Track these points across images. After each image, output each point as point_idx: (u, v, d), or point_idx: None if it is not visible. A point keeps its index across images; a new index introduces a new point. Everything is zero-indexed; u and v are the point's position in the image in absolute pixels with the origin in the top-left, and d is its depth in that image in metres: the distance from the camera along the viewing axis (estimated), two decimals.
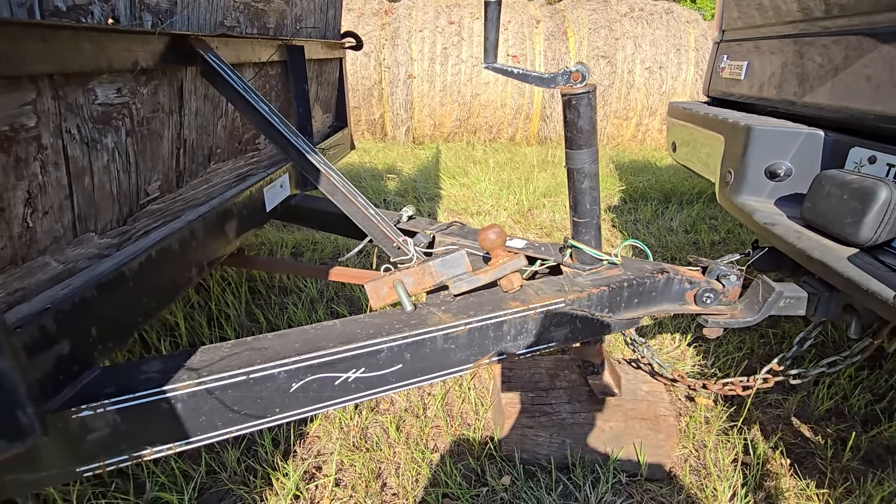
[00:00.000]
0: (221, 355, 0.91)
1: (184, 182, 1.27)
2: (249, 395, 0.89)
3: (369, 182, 4.04)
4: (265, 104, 1.24)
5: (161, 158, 1.15)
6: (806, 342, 1.43)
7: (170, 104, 1.14)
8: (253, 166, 1.62)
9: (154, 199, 1.15)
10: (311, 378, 0.93)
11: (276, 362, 0.89)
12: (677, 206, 3.80)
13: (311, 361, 0.92)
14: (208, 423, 0.87)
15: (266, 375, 0.89)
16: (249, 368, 0.87)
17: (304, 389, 0.93)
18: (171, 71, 1.11)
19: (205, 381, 0.85)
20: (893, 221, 1.17)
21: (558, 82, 1.13)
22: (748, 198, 1.63)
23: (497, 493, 1.30)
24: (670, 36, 5.95)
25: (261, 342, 0.95)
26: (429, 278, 1.13)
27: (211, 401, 0.86)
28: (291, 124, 1.87)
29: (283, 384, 0.91)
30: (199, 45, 1.16)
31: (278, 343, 0.95)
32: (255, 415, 0.91)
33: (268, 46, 1.58)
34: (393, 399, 1.67)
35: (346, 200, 1.30)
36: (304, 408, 0.95)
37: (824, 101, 1.55)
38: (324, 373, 0.94)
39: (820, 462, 1.44)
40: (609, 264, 1.29)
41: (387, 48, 5.55)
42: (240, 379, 0.87)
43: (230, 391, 0.87)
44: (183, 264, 1.13)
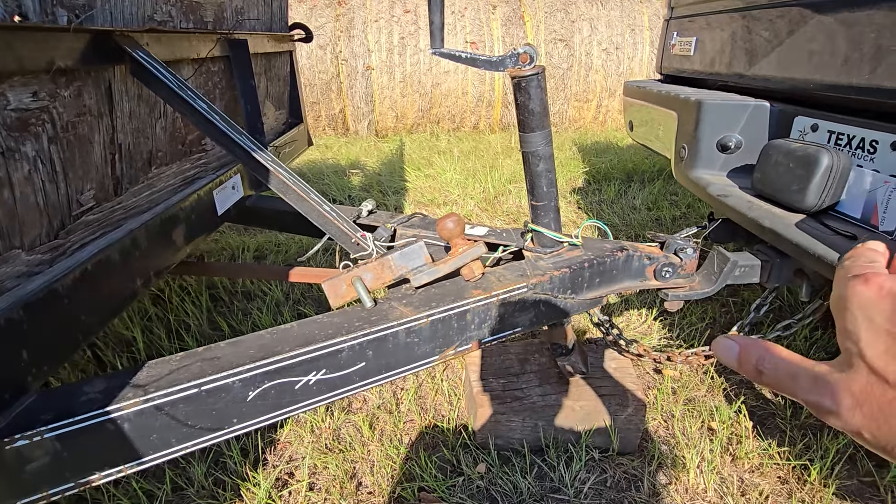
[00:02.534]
0: (170, 369, 0.86)
1: (123, 189, 1.20)
2: (203, 407, 0.85)
3: (332, 178, 3.96)
4: (204, 102, 1.18)
5: (93, 165, 1.08)
6: (762, 308, 1.47)
7: (98, 107, 1.07)
8: (200, 169, 1.55)
9: (89, 210, 1.08)
10: (268, 385, 0.89)
11: (230, 371, 0.85)
12: (639, 185, 3.87)
13: (268, 367, 0.89)
14: (161, 441, 0.83)
15: (219, 386, 0.85)
16: (201, 380, 0.83)
17: (263, 397, 0.90)
18: (95, 71, 1.04)
19: (153, 398, 0.80)
20: (836, 186, 1.20)
21: (507, 65, 1.11)
22: (702, 171, 1.66)
23: (473, 481, 1.30)
24: (624, 17, 6.03)
25: (213, 352, 0.91)
26: (388, 272, 1.10)
27: (161, 417, 0.82)
28: (240, 122, 1.81)
29: (238, 394, 0.87)
30: (125, 41, 1.08)
31: (232, 351, 0.91)
32: (211, 428, 0.87)
33: (206, 41, 1.50)
34: (365, 397, 1.65)
35: (299, 198, 1.25)
36: (264, 416, 0.92)
37: (769, 73, 1.59)
38: (282, 378, 0.90)
39: (780, 422, 1.50)
40: (570, 246, 1.29)
41: (342, 40, 5.42)
42: (191, 392, 0.83)
43: (182, 406, 0.83)
44: (126, 276, 1.07)
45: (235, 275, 2.01)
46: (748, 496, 1.28)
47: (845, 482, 1.30)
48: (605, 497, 1.28)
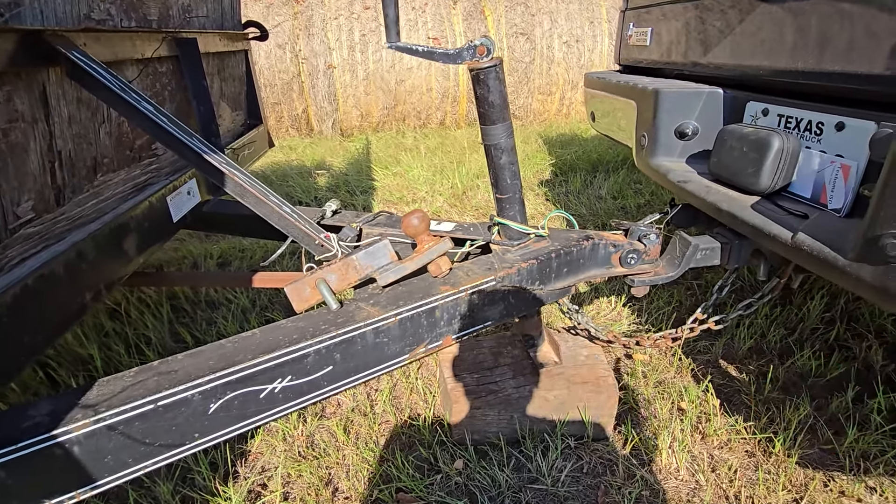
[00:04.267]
0: (123, 386, 0.82)
1: (65, 199, 1.13)
2: (161, 424, 0.81)
3: (297, 180, 3.87)
4: (150, 104, 1.12)
5: (30, 175, 1.01)
6: (724, 289, 1.52)
7: (32, 112, 1.00)
8: (152, 175, 1.48)
9: (28, 222, 1.02)
10: (231, 395, 0.86)
11: (188, 384, 0.81)
12: (604, 175, 3.94)
13: (229, 378, 0.85)
14: (116, 462, 0.79)
15: (178, 400, 0.81)
16: (157, 395, 0.79)
17: (226, 408, 0.86)
18: (27, 73, 0.98)
19: (104, 418, 0.76)
20: (787, 168, 1.25)
21: (464, 57, 1.10)
22: (662, 159, 1.70)
23: (451, 478, 1.29)
24: (583, 9, 6.11)
25: (169, 365, 0.87)
26: (353, 273, 1.08)
27: (115, 437, 0.77)
28: (193, 125, 1.74)
29: (199, 407, 0.83)
30: (58, 41, 1.02)
31: (190, 363, 0.87)
32: (171, 444, 0.83)
33: (151, 41, 1.43)
34: (339, 401, 1.62)
35: (258, 201, 1.21)
36: (228, 428, 0.88)
37: (721, 60, 1.63)
38: (245, 388, 0.87)
39: (745, 397, 1.55)
40: (536, 237, 1.29)
41: (302, 38, 5.30)
42: (147, 409, 0.79)
43: (137, 423, 0.79)
44: (72, 291, 1.01)
45: (195, 284, 1.94)
46: (718, 471, 1.32)
47: (807, 451, 1.36)
48: (582, 483, 1.29)
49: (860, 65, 1.09)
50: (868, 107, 1.11)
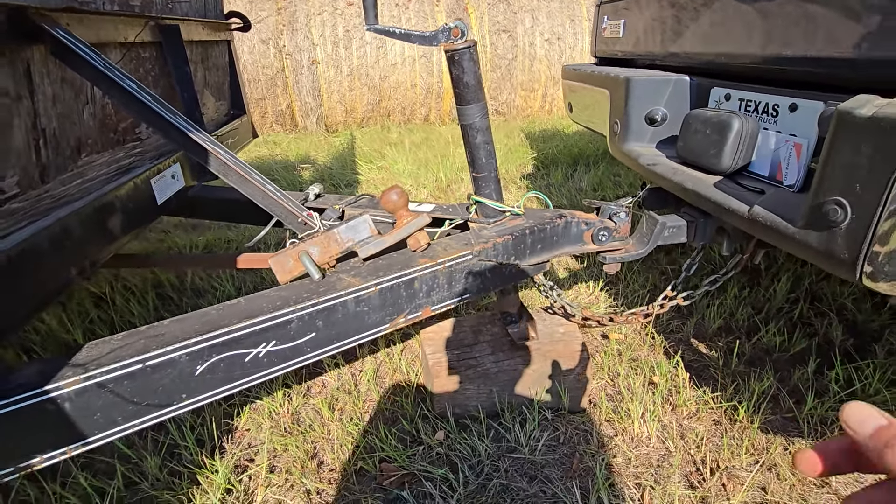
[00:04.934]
0: (111, 347, 0.85)
1: (50, 177, 1.15)
2: (149, 384, 0.84)
3: (282, 174, 3.88)
4: (134, 82, 1.15)
5: (14, 151, 1.03)
6: (692, 267, 1.59)
7: (16, 88, 1.02)
8: (136, 158, 1.50)
9: (14, 197, 1.04)
10: (217, 358, 0.90)
11: (175, 346, 0.85)
12: (585, 168, 4.02)
13: (215, 341, 0.89)
14: (106, 420, 0.82)
15: (165, 361, 0.84)
16: (145, 356, 0.83)
17: (212, 371, 0.90)
18: (11, 50, 1.00)
19: (94, 376, 0.79)
20: (747, 148, 1.32)
21: (440, 39, 1.15)
22: (633, 144, 1.77)
23: (433, 448, 1.34)
24: (564, 7, 6.21)
25: (156, 329, 0.90)
26: (335, 245, 1.12)
27: (105, 395, 0.81)
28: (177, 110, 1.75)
29: (185, 368, 0.87)
30: (42, 19, 1.04)
31: (177, 327, 0.90)
32: (159, 404, 0.86)
33: (134, 25, 1.45)
34: (324, 381, 1.65)
35: (242, 180, 1.24)
36: (214, 389, 0.92)
37: (688, 49, 1.70)
38: (230, 351, 0.91)
39: (714, 371, 1.63)
40: (512, 215, 1.35)
41: (286, 34, 5.29)
42: (135, 368, 0.82)
43: (126, 382, 0.82)
44: (56, 265, 1.03)
45: (180, 266, 1.95)
46: (686, 439, 1.38)
47: (769, 417, 1.44)
48: (559, 452, 1.35)
49: (810, 49, 1.16)
50: (817, 88, 1.18)
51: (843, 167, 0.88)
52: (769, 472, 1.27)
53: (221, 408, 1.48)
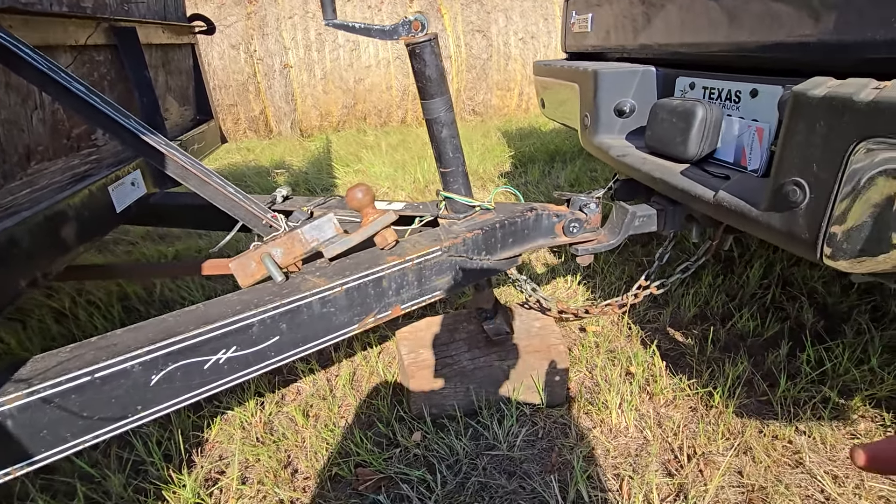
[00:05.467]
0: (59, 360, 0.80)
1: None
2: (100, 396, 0.80)
3: (255, 180, 3.81)
4: (82, 85, 1.10)
5: None
6: (665, 256, 1.60)
7: None
8: (92, 165, 1.44)
9: None
10: (173, 366, 0.86)
11: (127, 356, 0.81)
12: (561, 165, 4.05)
13: (171, 349, 0.85)
14: (53, 437, 0.78)
15: (116, 372, 0.80)
16: (94, 367, 0.79)
17: (168, 380, 0.86)
18: None
19: (38, 391, 0.75)
20: (712, 135, 1.33)
21: (400, 33, 1.13)
22: (604, 136, 1.77)
23: (410, 450, 1.32)
24: (537, 7, 6.26)
25: (108, 339, 0.86)
26: (299, 246, 1.09)
27: (51, 411, 0.76)
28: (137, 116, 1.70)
29: (139, 378, 0.83)
30: None
31: (130, 336, 0.86)
32: (112, 417, 0.82)
33: (85, 27, 1.40)
34: (299, 388, 1.61)
35: (201, 183, 1.20)
36: (172, 399, 0.88)
37: (653, 40, 1.72)
38: (187, 358, 0.87)
39: (689, 359, 1.64)
40: (482, 210, 1.33)
41: (256, 38, 5.22)
42: (84, 381, 0.78)
43: (74, 396, 0.78)
44: (2, 277, 0.98)
45: (141, 275, 1.89)
46: (664, 427, 1.39)
47: (744, 401, 1.45)
48: (537, 447, 1.34)
49: (768, 36, 1.18)
50: (777, 74, 1.20)
51: (799, 148, 0.88)
52: (745, 456, 1.27)
53: (190, 419, 1.43)
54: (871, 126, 0.76)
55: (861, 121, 0.77)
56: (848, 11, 0.96)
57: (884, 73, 0.88)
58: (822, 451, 1.29)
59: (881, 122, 0.74)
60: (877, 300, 1.86)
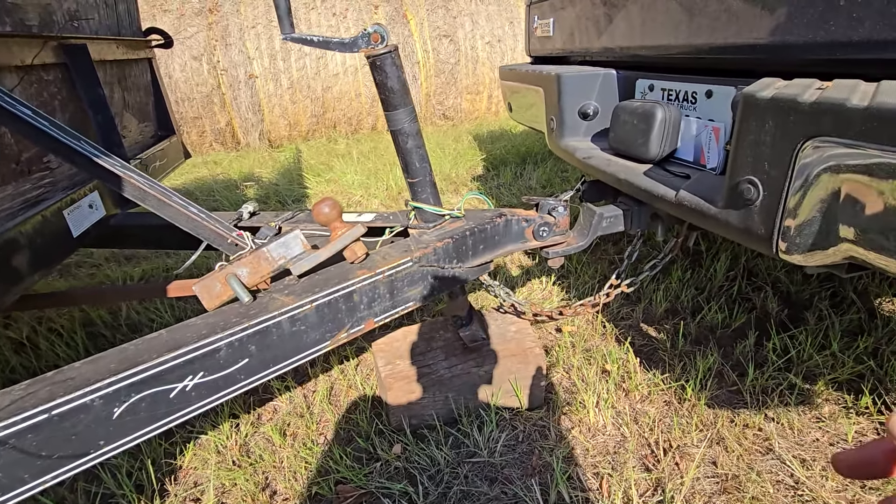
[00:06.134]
0: (12, 399, 0.77)
1: None
2: (58, 434, 0.77)
3: (224, 193, 3.73)
4: (28, 108, 1.06)
5: None
6: (633, 254, 1.63)
7: None
8: (46, 189, 1.39)
9: None
10: (137, 398, 0.83)
11: (86, 390, 0.78)
12: (533, 166, 4.09)
13: (133, 379, 0.82)
14: (10, 479, 0.74)
15: (75, 407, 0.77)
16: (50, 404, 0.75)
17: (132, 412, 0.83)
18: None
19: None
20: (672, 135, 1.36)
21: (359, 45, 1.12)
22: (570, 139, 1.80)
23: (390, 463, 1.30)
24: (502, 10, 6.33)
25: (65, 373, 0.83)
26: (266, 264, 1.07)
27: (5, 453, 0.73)
28: (92, 135, 1.65)
29: (101, 412, 0.80)
30: None
31: (89, 369, 0.83)
32: (73, 454, 0.79)
33: (31, 46, 1.35)
34: (275, 406, 1.58)
35: (161, 204, 1.17)
36: (138, 431, 0.85)
37: (613, 43, 1.75)
38: (152, 388, 0.84)
39: (662, 354, 1.67)
40: (452, 218, 1.33)
41: (219, 49, 5.12)
42: (40, 419, 0.75)
43: (31, 436, 0.74)
44: None
45: (103, 300, 1.82)
46: (640, 422, 1.41)
47: (715, 393, 1.49)
48: (518, 450, 1.34)
49: (719, 38, 1.21)
50: (729, 75, 1.24)
51: (752, 147, 0.91)
52: (718, 446, 1.31)
53: (162, 447, 1.39)
54: (815, 126, 0.79)
55: (806, 121, 0.81)
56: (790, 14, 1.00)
57: (827, 74, 0.92)
58: (790, 437, 1.33)
59: (824, 122, 0.78)
60: (835, 286, 1.94)
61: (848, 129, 0.74)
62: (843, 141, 0.75)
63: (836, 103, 0.75)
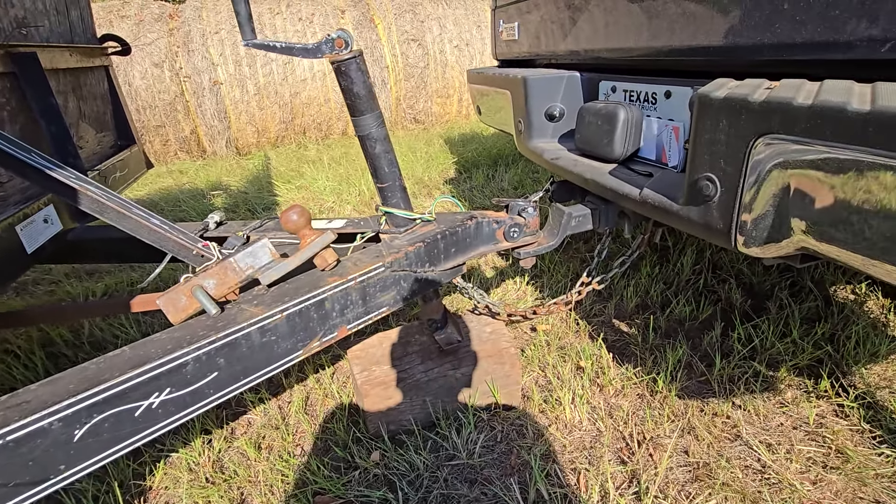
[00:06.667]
0: None
1: None
2: (15, 460, 0.73)
3: (190, 203, 3.64)
4: None
5: None
6: (603, 252, 1.66)
7: None
8: None
9: None
10: (99, 418, 0.80)
11: (43, 413, 0.75)
12: (504, 168, 4.13)
13: (94, 399, 0.79)
14: None
15: (32, 432, 0.74)
16: (4, 430, 0.72)
17: (95, 433, 0.80)
18: None
19: None
20: (634, 135, 1.40)
21: (324, 51, 1.11)
22: (537, 141, 1.83)
23: (369, 471, 1.29)
24: (469, 14, 6.38)
25: (20, 396, 0.79)
26: (233, 275, 1.05)
27: None
28: (45, 147, 1.58)
29: (60, 435, 0.77)
30: None
31: (46, 391, 0.80)
32: (31, 481, 0.75)
33: None
34: (250, 420, 1.55)
35: (120, 216, 1.13)
36: (102, 453, 0.82)
37: (576, 46, 1.79)
38: (115, 407, 0.81)
39: (634, 348, 1.71)
40: (423, 222, 1.34)
41: (181, 55, 4.99)
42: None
43: None
44: None
45: (62, 318, 1.74)
46: (614, 416, 1.44)
47: (685, 384, 1.53)
48: (497, 451, 1.35)
49: (678, 41, 1.26)
50: (687, 76, 1.28)
51: (708, 145, 0.95)
52: (689, 435, 1.35)
53: (130, 468, 1.34)
54: (765, 124, 0.83)
55: (757, 119, 0.84)
56: (740, 17, 1.04)
57: (776, 74, 0.96)
58: (756, 423, 1.38)
59: (773, 121, 0.81)
60: (794, 276, 2.03)
61: (795, 127, 0.78)
62: (791, 138, 0.79)
63: (783, 102, 0.79)
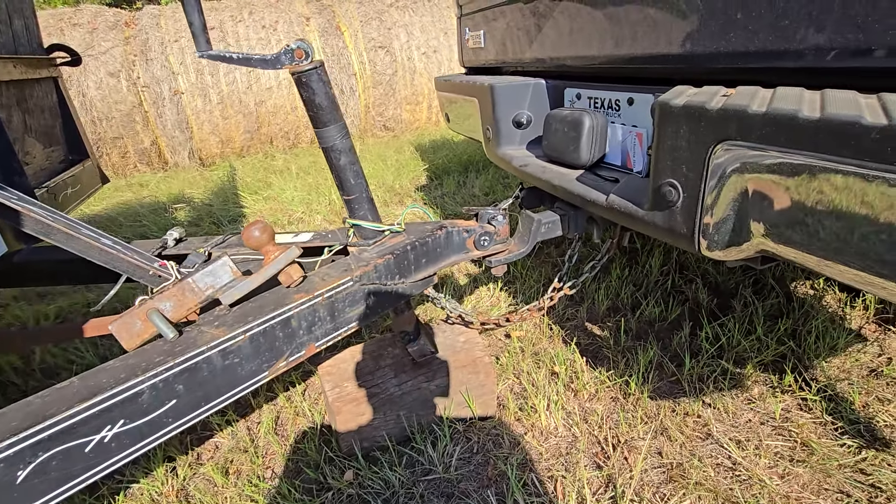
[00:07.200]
0: None
1: None
2: None
3: (151, 218, 3.50)
4: None
5: None
6: (573, 257, 1.67)
7: None
8: None
9: None
10: (45, 456, 0.74)
11: None
12: (475, 174, 4.15)
13: (39, 437, 0.74)
14: None
15: None
16: None
17: (41, 472, 0.74)
18: None
19: None
20: (600, 141, 1.42)
21: (283, 62, 1.08)
22: (506, 148, 1.83)
23: (343, 491, 1.25)
24: (436, 21, 6.40)
25: None
26: (192, 296, 1.00)
27: None
28: None
29: (3, 477, 0.71)
30: None
31: None
32: None
33: None
34: (217, 443, 1.48)
35: (68, 238, 1.07)
36: (51, 493, 0.76)
37: (541, 54, 1.81)
38: (63, 444, 0.76)
39: (606, 351, 1.73)
40: (392, 233, 1.31)
41: (139, 65, 4.82)
42: None
43: None
44: None
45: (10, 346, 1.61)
46: (589, 421, 1.44)
47: (657, 385, 1.55)
48: (473, 462, 1.33)
49: (639, 48, 1.28)
50: (649, 83, 1.31)
51: (670, 152, 0.96)
52: (662, 436, 1.36)
53: (86, 503, 1.26)
54: (723, 130, 0.85)
55: (715, 126, 0.86)
56: (697, 26, 1.07)
57: (733, 81, 0.99)
58: (725, 420, 1.41)
59: (730, 127, 0.83)
60: (757, 274, 2.10)
61: (750, 133, 0.79)
62: (748, 144, 0.81)
63: (738, 109, 0.81)
